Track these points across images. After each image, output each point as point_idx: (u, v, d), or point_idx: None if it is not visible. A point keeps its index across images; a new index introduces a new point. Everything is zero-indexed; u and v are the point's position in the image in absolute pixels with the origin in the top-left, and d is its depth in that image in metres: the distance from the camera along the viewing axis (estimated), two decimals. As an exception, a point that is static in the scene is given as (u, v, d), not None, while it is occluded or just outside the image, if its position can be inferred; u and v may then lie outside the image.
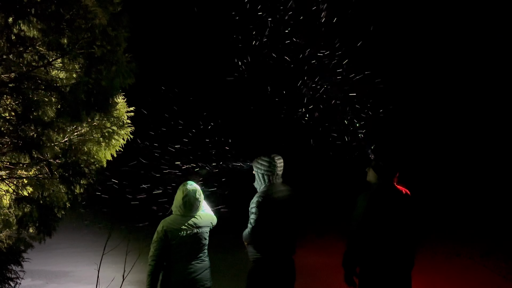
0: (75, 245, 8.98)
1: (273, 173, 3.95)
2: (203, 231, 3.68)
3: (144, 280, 3.59)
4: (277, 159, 3.99)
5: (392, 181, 3.64)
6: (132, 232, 9.04)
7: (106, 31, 3.03)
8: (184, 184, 3.72)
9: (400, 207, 3.58)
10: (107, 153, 3.62)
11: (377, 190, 3.58)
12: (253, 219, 3.73)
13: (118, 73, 3.14)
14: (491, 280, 6.44)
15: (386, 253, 3.51)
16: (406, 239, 3.58)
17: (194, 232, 3.61)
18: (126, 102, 3.72)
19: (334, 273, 6.13)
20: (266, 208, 3.75)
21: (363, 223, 3.46)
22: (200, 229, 3.67)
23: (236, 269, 6.81)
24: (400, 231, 3.55)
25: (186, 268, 3.56)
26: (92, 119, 3.23)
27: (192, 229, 3.60)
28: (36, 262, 7.19)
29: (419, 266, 6.81)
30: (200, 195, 3.74)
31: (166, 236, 3.49)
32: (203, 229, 3.69)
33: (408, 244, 3.60)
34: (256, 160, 4.03)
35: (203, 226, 3.69)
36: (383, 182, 3.62)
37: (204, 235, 3.68)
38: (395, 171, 3.66)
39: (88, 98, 3.07)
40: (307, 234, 10.08)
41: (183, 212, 3.62)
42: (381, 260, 3.51)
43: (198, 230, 3.65)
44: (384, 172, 3.63)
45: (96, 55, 2.99)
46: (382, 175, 3.63)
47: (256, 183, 4.01)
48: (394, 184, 3.65)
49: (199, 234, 3.64)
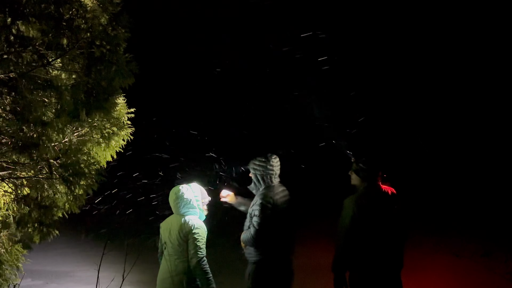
0: (75, 245, 8.99)
1: (272, 174, 3.95)
2: (174, 234, 3.55)
3: (144, 280, 3.62)
4: (274, 159, 3.98)
5: (376, 182, 3.63)
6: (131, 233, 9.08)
7: (106, 31, 3.02)
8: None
9: (388, 208, 3.58)
10: (107, 154, 3.62)
11: (363, 193, 3.57)
12: (257, 222, 3.72)
13: (118, 73, 3.13)
14: (491, 280, 6.43)
15: (377, 255, 3.49)
16: (396, 239, 3.58)
17: (169, 232, 3.62)
18: (126, 103, 3.71)
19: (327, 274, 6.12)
20: (270, 211, 3.76)
21: (352, 227, 3.45)
22: (172, 230, 3.60)
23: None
24: (389, 232, 3.55)
25: (166, 263, 3.61)
26: (92, 119, 3.22)
27: (169, 229, 3.64)
28: (36, 262, 7.19)
29: (419, 266, 6.83)
30: (177, 195, 3.62)
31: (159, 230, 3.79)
32: (174, 232, 3.57)
33: (398, 244, 3.60)
34: (253, 161, 4.00)
35: (174, 229, 3.59)
36: (368, 184, 3.61)
37: (176, 239, 3.53)
38: (377, 172, 3.64)
39: (88, 98, 3.06)
40: (307, 234, 10.09)
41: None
42: (373, 262, 3.50)
43: (171, 231, 3.60)
44: (366, 174, 3.62)
45: (95, 55, 2.99)
46: (365, 178, 3.62)
47: (254, 185, 3.99)
48: (379, 185, 3.64)
49: (171, 234, 3.59)
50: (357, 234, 3.46)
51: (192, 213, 3.65)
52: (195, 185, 3.82)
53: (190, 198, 3.65)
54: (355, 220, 3.44)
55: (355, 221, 3.44)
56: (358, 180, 3.67)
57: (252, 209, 3.84)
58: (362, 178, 3.64)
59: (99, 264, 4.52)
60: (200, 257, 3.47)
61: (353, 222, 3.44)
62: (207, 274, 3.46)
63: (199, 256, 3.46)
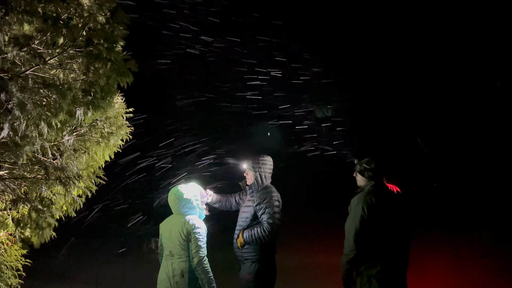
0: (75, 246, 8.98)
1: (271, 173, 4.01)
2: (175, 234, 3.55)
3: (144, 280, 3.62)
4: (270, 159, 4.10)
5: (382, 181, 3.64)
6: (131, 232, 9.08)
7: (103, 29, 3.00)
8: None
9: (395, 206, 3.58)
10: (105, 154, 3.60)
11: (370, 191, 3.57)
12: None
13: (116, 71, 3.09)
14: (491, 280, 6.42)
15: (386, 253, 3.50)
16: (403, 237, 3.59)
17: (170, 231, 3.61)
18: (125, 102, 3.69)
19: (333, 272, 6.12)
20: (280, 208, 3.92)
21: (361, 225, 3.45)
22: (172, 230, 3.59)
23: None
24: (397, 230, 3.55)
25: (166, 263, 3.64)
26: (89, 119, 3.20)
27: (169, 229, 3.63)
28: (36, 262, 7.19)
29: (419, 266, 6.82)
30: (177, 195, 3.62)
31: (159, 231, 3.80)
32: (175, 232, 3.56)
33: (405, 242, 3.60)
34: (255, 160, 4.01)
35: (174, 229, 3.58)
36: (374, 183, 3.61)
37: (177, 238, 3.53)
38: (381, 170, 3.65)
39: (85, 97, 3.04)
40: (306, 233, 10.08)
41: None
42: (382, 259, 3.49)
43: (172, 231, 3.59)
44: (371, 174, 3.63)
45: (93, 53, 2.96)
46: (370, 177, 3.63)
47: (253, 184, 3.98)
48: (385, 184, 3.65)
49: (172, 234, 3.58)
50: (366, 233, 3.46)
51: (192, 213, 3.65)
52: (193, 185, 3.82)
53: (190, 198, 3.64)
54: (364, 219, 3.44)
55: (364, 219, 3.44)
56: (364, 180, 3.68)
57: (260, 207, 3.84)
58: (368, 178, 3.64)
59: (98, 264, 4.51)
60: (202, 256, 3.47)
61: (363, 221, 3.44)
62: (208, 273, 3.47)
63: (201, 255, 3.46)
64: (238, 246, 3.94)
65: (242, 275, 3.94)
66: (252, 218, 3.92)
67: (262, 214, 3.81)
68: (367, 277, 3.50)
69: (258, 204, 3.87)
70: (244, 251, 3.91)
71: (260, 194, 3.91)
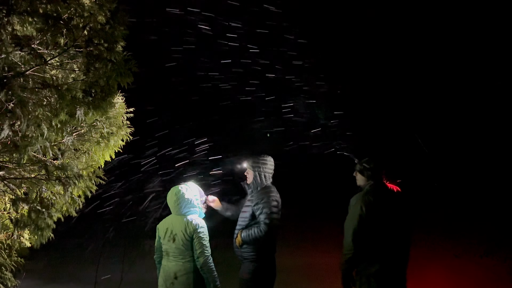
0: (75, 245, 8.98)
1: (271, 173, 3.99)
2: (178, 234, 3.52)
3: (144, 280, 3.60)
4: (271, 159, 4.09)
5: (381, 181, 3.63)
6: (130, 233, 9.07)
7: (103, 29, 2.99)
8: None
9: (395, 205, 3.58)
10: (106, 154, 3.59)
11: (369, 191, 3.57)
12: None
13: (116, 71, 3.09)
14: (491, 280, 6.42)
15: (385, 252, 3.49)
16: (403, 236, 3.58)
17: (171, 232, 3.58)
18: (125, 102, 3.68)
19: (334, 272, 6.13)
20: (279, 208, 3.89)
21: (360, 225, 3.45)
22: (174, 231, 3.56)
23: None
24: (397, 229, 3.54)
25: (166, 264, 3.61)
26: (90, 119, 3.19)
27: (170, 229, 3.59)
28: (36, 262, 7.19)
29: (419, 266, 6.82)
30: (178, 196, 3.58)
31: (157, 232, 3.73)
32: (177, 232, 3.53)
33: (405, 241, 3.60)
34: (256, 159, 4.00)
35: (177, 230, 3.55)
36: (374, 183, 3.61)
37: (181, 239, 3.51)
38: (381, 170, 3.64)
39: (86, 97, 3.03)
40: (306, 233, 10.09)
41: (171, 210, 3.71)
42: (381, 259, 3.49)
43: (173, 231, 3.57)
44: (370, 173, 3.62)
45: (93, 53, 2.95)
46: (369, 177, 3.62)
47: (252, 183, 3.98)
48: (385, 183, 3.65)
49: (174, 235, 3.55)
50: (365, 232, 3.45)
51: (193, 212, 3.63)
52: (192, 184, 3.81)
53: (191, 197, 3.63)
54: (363, 218, 3.43)
55: (362, 218, 3.43)
56: (364, 179, 3.67)
57: (258, 207, 3.83)
58: (367, 177, 3.63)
59: (97, 264, 4.51)
60: (207, 255, 3.47)
61: (361, 220, 3.43)
62: (213, 272, 3.47)
63: (206, 254, 3.46)
64: (237, 245, 3.94)
65: (241, 275, 3.95)
66: (251, 217, 3.91)
67: (260, 214, 3.80)
68: (366, 276, 3.50)
69: (256, 204, 3.86)
70: (243, 250, 3.91)
71: (259, 194, 3.90)
